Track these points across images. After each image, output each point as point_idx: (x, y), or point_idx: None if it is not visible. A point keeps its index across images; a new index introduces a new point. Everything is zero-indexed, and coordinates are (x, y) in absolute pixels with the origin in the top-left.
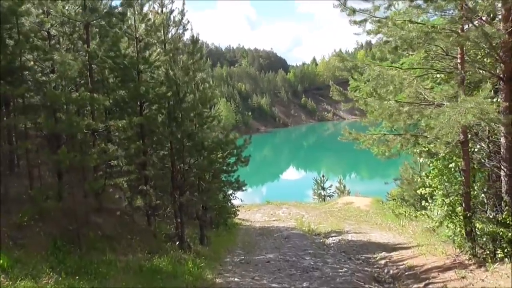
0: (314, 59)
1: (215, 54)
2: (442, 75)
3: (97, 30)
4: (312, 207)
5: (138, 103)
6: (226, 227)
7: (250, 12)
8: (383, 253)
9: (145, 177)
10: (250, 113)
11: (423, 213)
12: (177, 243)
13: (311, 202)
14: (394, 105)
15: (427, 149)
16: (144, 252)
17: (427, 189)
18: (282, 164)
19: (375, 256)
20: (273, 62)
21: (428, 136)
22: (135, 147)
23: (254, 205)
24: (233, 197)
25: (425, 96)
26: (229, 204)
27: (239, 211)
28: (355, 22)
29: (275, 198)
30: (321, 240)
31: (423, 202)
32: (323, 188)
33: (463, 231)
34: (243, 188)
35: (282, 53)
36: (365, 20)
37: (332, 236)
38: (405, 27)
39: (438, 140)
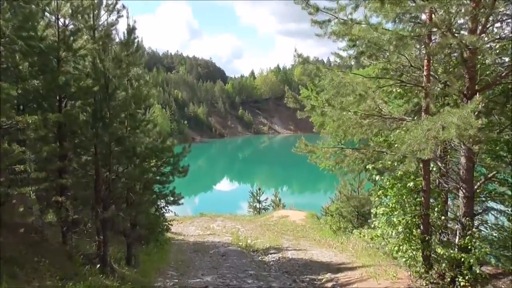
0: (252, 73)
1: (152, 58)
2: (399, 90)
3: (8, 5)
4: (247, 220)
5: (58, 98)
6: (158, 243)
7: (191, 20)
8: (328, 274)
9: (62, 186)
10: (186, 122)
11: (365, 230)
12: (98, 265)
13: (246, 215)
14: (354, 117)
15: (380, 166)
16: (54, 278)
17: (382, 209)
18: (217, 175)
19: (320, 277)
20: (211, 72)
21: (394, 152)
22: (49, 149)
23: (187, 217)
24: (166, 210)
25: (382, 110)
26: (162, 218)
27: (172, 225)
28: (317, 22)
29: (209, 209)
30: (261, 258)
31: (362, 219)
32: (259, 201)
33: (419, 255)
34: (180, 202)
35: (222, 64)
36: (328, 21)
37: (271, 253)
38: (379, 29)
39: (407, 158)
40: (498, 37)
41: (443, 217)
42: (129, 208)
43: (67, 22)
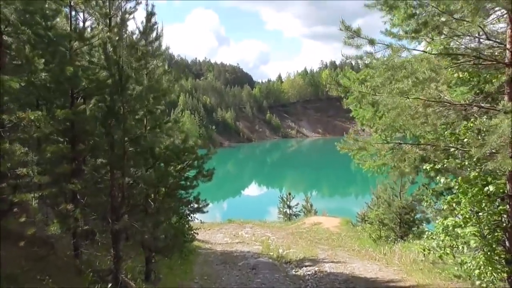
0: (279, 77)
1: (181, 66)
2: (462, 74)
3: None
4: (277, 227)
5: (70, 94)
6: (182, 254)
7: (218, 28)
8: None
9: (73, 192)
10: (214, 127)
11: (417, 241)
12: (110, 285)
13: (276, 221)
14: (415, 105)
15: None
16: None
17: (451, 219)
18: (245, 180)
19: None
20: (239, 77)
21: (477, 146)
22: (54, 149)
23: (215, 224)
24: (191, 218)
25: (445, 97)
26: (187, 226)
27: (197, 234)
28: None
29: (237, 215)
30: (295, 272)
31: (405, 227)
32: (289, 207)
33: (500, 277)
34: (204, 210)
35: (249, 70)
36: None
37: (306, 265)
38: None
39: (498, 154)
40: None
41: None
42: (147, 218)
43: (79, 9)
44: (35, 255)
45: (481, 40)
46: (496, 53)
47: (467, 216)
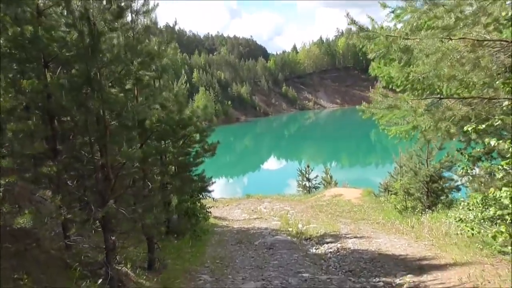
0: (294, 47)
1: (193, 41)
2: None
3: None
4: (297, 200)
5: (43, 63)
6: (195, 234)
7: (230, 1)
8: (409, 276)
9: (49, 177)
10: (229, 102)
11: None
12: (100, 280)
13: (295, 195)
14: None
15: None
16: None
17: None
18: (263, 154)
19: (399, 282)
20: (253, 50)
21: None
22: (19, 128)
23: (234, 199)
24: (203, 196)
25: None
26: (198, 205)
27: (210, 213)
28: None
29: (256, 190)
30: (315, 250)
31: (433, 197)
32: (308, 179)
33: None
34: (209, 189)
35: (263, 42)
36: None
37: (327, 242)
38: None
39: None
40: None
41: None
42: (138, 202)
43: None
44: (12, 250)
45: None
46: None
47: None
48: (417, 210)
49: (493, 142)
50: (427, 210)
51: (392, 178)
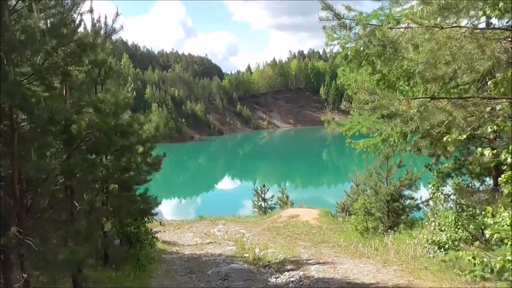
0: (249, 67)
1: (147, 57)
2: None
3: None
4: (252, 222)
5: None
6: (138, 264)
7: (185, 18)
8: None
9: None
10: (183, 120)
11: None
12: None
13: (250, 216)
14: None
15: None
16: None
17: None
18: (217, 174)
19: None
20: (208, 69)
21: None
22: None
23: (185, 221)
24: (149, 219)
25: None
26: (143, 230)
27: (157, 239)
28: None
29: (210, 211)
30: (275, 279)
31: (394, 217)
32: (264, 200)
33: None
34: (153, 211)
35: (218, 61)
36: None
37: (288, 269)
38: None
39: None
40: None
41: None
42: (51, 228)
43: None
44: None
45: None
46: None
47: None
48: (379, 231)
49: (487, 152)
50: (389, 230)
51: (349, 198)
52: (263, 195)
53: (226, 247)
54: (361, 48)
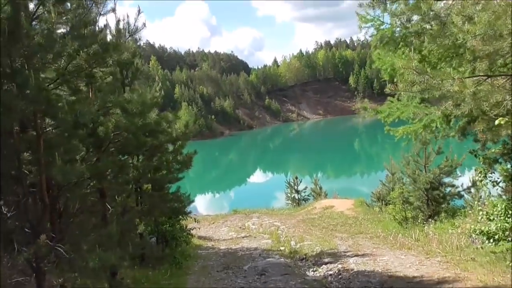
0: (275, 61)
1: (174, 58)
2: None
3: None
4: (286, 214)
5: None
6: (175, 262)
7: (209, 17)
8: None
9: None
10: (213, 117)
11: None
12: None
13: (284, 208)
14: None
15: None
16: None
17: None
18: (249, 168)
19: None
20: (234, 65)
21: None
22: None
23: (220, 215)
24: (184, 216)
25: None
26: (178, 227)
27: (192, 236)
28: None
29: (243, 205)
30: (313, 273)
31: (434, 205)
32: (297, 192)
33: None
34: (186, 209)
35: (244, 57)
36: None
37: (326, 263)
38: None
39: None
40: None
41: None
42: (82, 236)
43: None
44: None
45: None
46: None
47: None
48: (418, 221)
49: None
50: (429, 219)
51: (385, 187)
52: (296, 187)
53: (261, 240)
54: (397, 29)
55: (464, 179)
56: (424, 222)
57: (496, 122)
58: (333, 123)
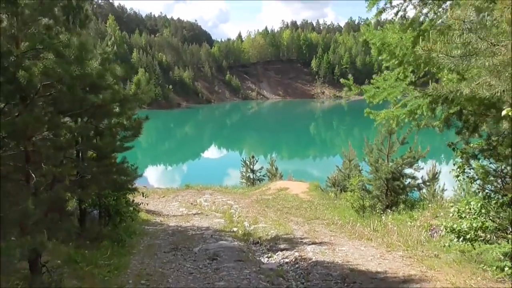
0: (239, 35)
1: (134, 20)
2: None
3: None
4: (240, 193)
5: None
6: (118, 238)
7: None
8: None
9: None
10: (171, 87)
11: (443, 222)
12: None
13: (238, 187)
14: None
15: None
16: None
17: None
18: (204, 143)
19: None
20: (197, 35)
21: None
22: None
23: (171, 189)
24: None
25: None
26: (124, 201)
27: (138, 211)
28: None
29: (196, 180)
30: (269, 260)
31: (393, 196)
32: (253, 171)
33: None
34: (133, 184)
35: (208, 28)
36: None
37: (282, 249)
38: None
39: None
40: None
41: None
42: None
43: None
44: None
45: None
46: None
47: None
48: (376, 210)
49: None
50: (387, 210)
51: (340, 173)
52: (251, 166)
53: (214, 219)
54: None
55: (424, 172)
56: (382, 212)
57: (504, 112)
58: (291, 105)
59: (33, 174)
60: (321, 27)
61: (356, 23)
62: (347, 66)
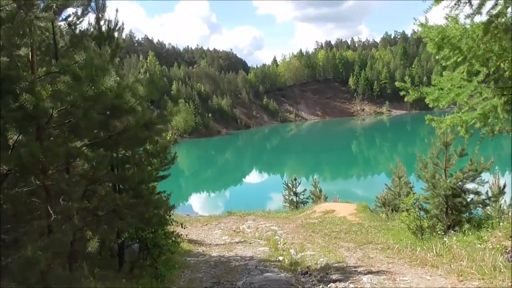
0: (274, 60)
1: (173, 54)
2: None
3: None
4: (284, 217)
5: None
6: (157, 273)
7: (209, 15)
8: None
9: None
10: (210, 115)
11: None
12: None
13: (281, 211)
14: None
15: None
16: None
17: None
18: (245, 168)
19: None
20: (233, 63)
21: None
22: None
23: (213, 217)
24: (170, 220)
25: None
26: (162, 232)
27: (178, 243)
28: None
29: (238, 206)
30: None
31: (455, 215)
32: (296, 194)
33: None
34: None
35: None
36: None
37: (334, 280)
38: None
39: None
40: None
41: None
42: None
43: None
44: None
45: None
46: None
47: None
48: (436, 231)
49: None
50: (449, 231)
51: (390, 191)
52: (294, 189)
53: (258, 247)
54: None
55: (486, 186)
56: (444, 234)
57: None
58: (331, 124)
59: (50, 211)
60: (356, 45)
61: (392, 37)
62: (386, 81)
